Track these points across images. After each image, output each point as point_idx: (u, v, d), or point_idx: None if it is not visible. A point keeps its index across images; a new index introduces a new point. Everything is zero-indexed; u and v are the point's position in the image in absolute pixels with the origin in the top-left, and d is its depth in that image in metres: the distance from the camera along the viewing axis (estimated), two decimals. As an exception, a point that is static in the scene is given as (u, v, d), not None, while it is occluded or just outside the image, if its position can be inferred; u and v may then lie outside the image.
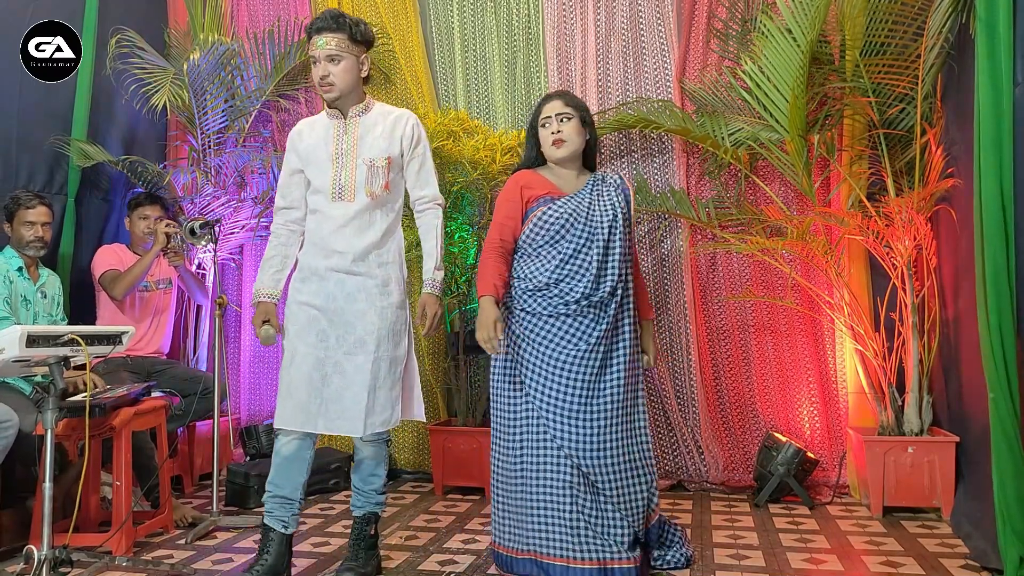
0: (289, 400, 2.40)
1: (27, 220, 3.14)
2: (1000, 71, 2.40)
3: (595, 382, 2.45)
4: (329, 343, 2.40)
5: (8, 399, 2.78)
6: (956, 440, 3.09)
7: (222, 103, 4.20)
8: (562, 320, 2.47)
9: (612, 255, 2.51)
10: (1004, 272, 2.37)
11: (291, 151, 2.53)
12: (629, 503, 2.45)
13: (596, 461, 2.40)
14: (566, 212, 2.52)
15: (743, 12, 3.79)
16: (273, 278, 2.51)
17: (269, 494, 2.44)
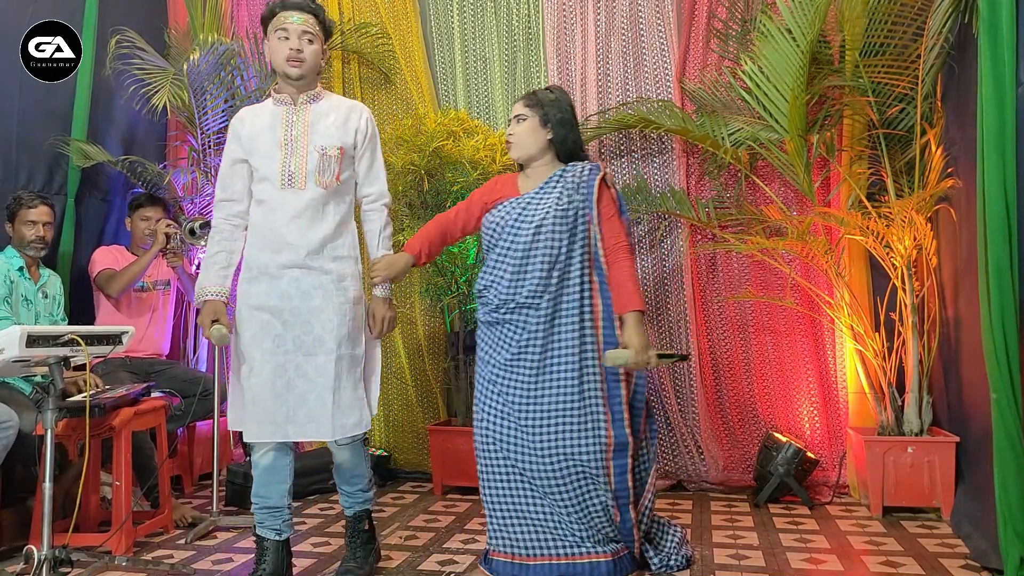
0: (254, 412, 2.32)
1: (29, 220, 3.14)
2: (1003, 71, 2.40)
3: (529, 388, 2.41)
4: (287, 346, 2.32)
5: (8, 399, 2.78)
6: (956, 440, 3.09)
7: (222, 103, 4.19)
8: (494, 327, 2.50)
9: (533, 258, 2.42)
10: (1007, 271, 2.37)
11: (233, 139, 2.43)
12: (581, 507, 2.41)
13: (533, 466, 2.40)
14: (499, 216, 2.51)
15: (743, 12, 3.79)
16: (219, 275, 2.40)
17: (256, 506, 2.40)
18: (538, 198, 2.48)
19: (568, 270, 2.43)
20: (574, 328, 2.41)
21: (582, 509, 2.42)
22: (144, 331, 3.66)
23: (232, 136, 2.43)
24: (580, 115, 3.98)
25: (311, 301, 2.34)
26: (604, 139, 3.97)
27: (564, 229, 2.43)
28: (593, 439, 2.38)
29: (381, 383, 2.56)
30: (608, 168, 4.00)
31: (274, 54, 2.38)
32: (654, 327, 3.90)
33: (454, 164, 3.63)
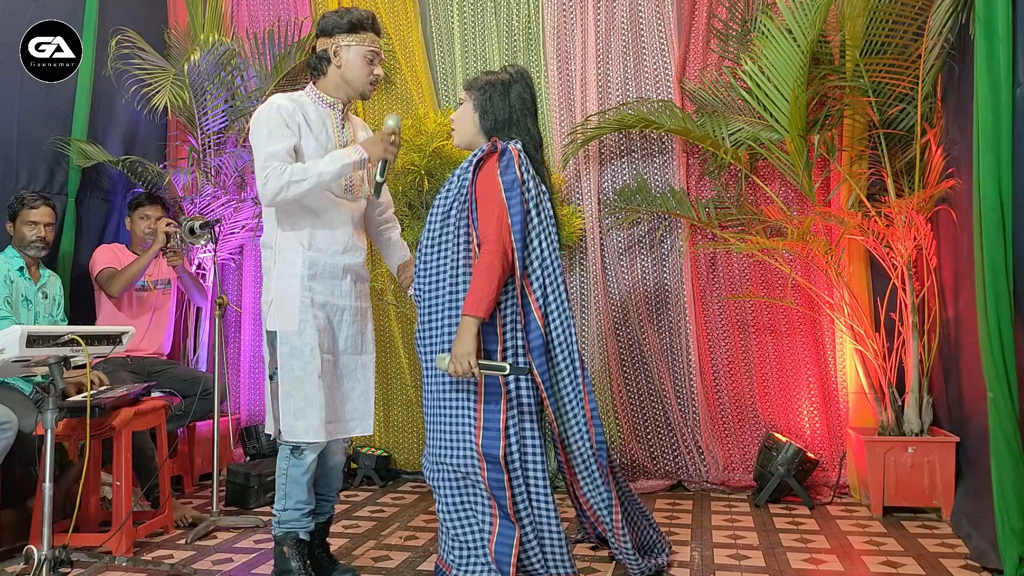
0: (315, 411, 2.29)
1: (30, 220, 3.14)
2: (999, 71, 2.40)
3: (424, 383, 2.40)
4: (340, 346, 2.40)
5: (8, 399, 2.78)
6: (956, 440, 3.09)
7: (222, 103, 4.19)
8: None
9: (420, 249, 2.36)
10: (1003, 272, 2.38)
11: (291, 123, 2.31)
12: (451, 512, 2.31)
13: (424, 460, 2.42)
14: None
15: (743, 12, 3.79)
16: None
17: (301, 511, 2.35)
18: (443, 187, 2.37)
19: (443, 266, 2.28)
20: (450, 327, 2.25)
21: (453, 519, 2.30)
22: (145, 331, 3.66)
23: (289, 119, 2.31)
24: (580, 115, 3.99)
25: (363, 303, 2.48)
26: (604, 139, 3.97)
27: (437, 223, 2.32)
28: (463, 443, 2.23)
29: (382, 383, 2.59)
30: (609, 168, 4.01)
31: (356, 69, 2.38)
32: (654, 326, 3.91)
33: (454, 164, 3.63)
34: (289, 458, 2.34)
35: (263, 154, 2.27)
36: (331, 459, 2.50)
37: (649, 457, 3.82)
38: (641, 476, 3.79)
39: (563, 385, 2.33)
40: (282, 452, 2.36)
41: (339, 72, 2.39)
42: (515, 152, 2.27)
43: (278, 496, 2.37)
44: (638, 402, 3.89)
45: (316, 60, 2.42)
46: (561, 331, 2.31)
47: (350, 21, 2.37)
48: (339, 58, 2.38)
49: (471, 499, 2.27)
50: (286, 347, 2.30)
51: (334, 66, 2.39)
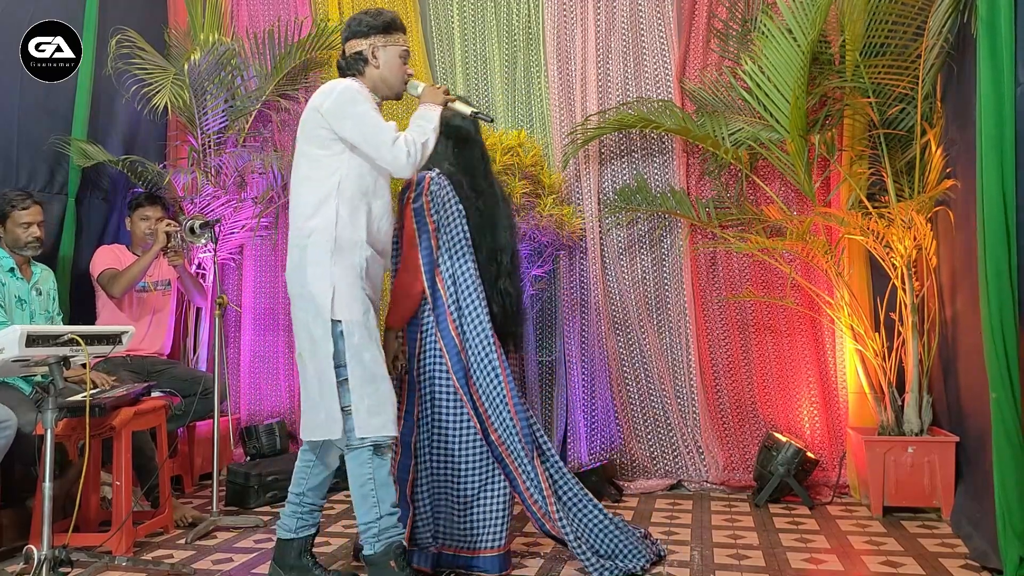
0: (389, 404, 2.26)
1: (23, 221, 3.10)
2: (1002, 71, 2.40)
3: None
4: None
5: (7, 399, 2.78)
6: (956, 440, 3.09)
7: (222, 103, 4.19)
8: None
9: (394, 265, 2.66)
10: (1006, 272, 2.38)
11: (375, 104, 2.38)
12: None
13: None
14: None
15: (743, 12, 3.79)
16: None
17: (396, 515, 2.28)
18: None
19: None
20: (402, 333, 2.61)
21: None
22: (146, 331, 3.66)
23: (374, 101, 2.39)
24: (580, 115, 4.00)
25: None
26: (604, 139, 3.97)
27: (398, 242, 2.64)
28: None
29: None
30: (609, 168, 4.01)
31: (394, 69, 2.44)
32: (654, 326, 3.90)
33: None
34: (372, 460, 2.24)
35: (382, 126, 2.28)
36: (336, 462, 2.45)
37: (649, 457, 3.82)
38: (641, 476, 3.79)
39: (483, 383, 2.52)
40: (360, 456, 2.24)
41: (378, 73, 2.41)
42: (427, 180, 2.53)
43: (367, 506, 2.24)
44: (638, 402, 3.89)
45: (353, 61, 2.42)
46: (476, 338, 2.53)
47: (384, 22, 2.41)
48: (377, 59, 2.41)
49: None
50: (354, 337, 2.23)
51: (372, 67, 2.41)
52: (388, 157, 2.27)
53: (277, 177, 4.23)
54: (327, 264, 2.26)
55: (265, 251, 4.48)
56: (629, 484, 3.72)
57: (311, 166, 2.33)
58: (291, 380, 4.43)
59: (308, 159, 2.34)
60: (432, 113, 2.40)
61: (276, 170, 4.18)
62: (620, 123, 3.76)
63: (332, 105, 2.29)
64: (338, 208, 2.29)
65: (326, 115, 2.30)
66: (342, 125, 2.29)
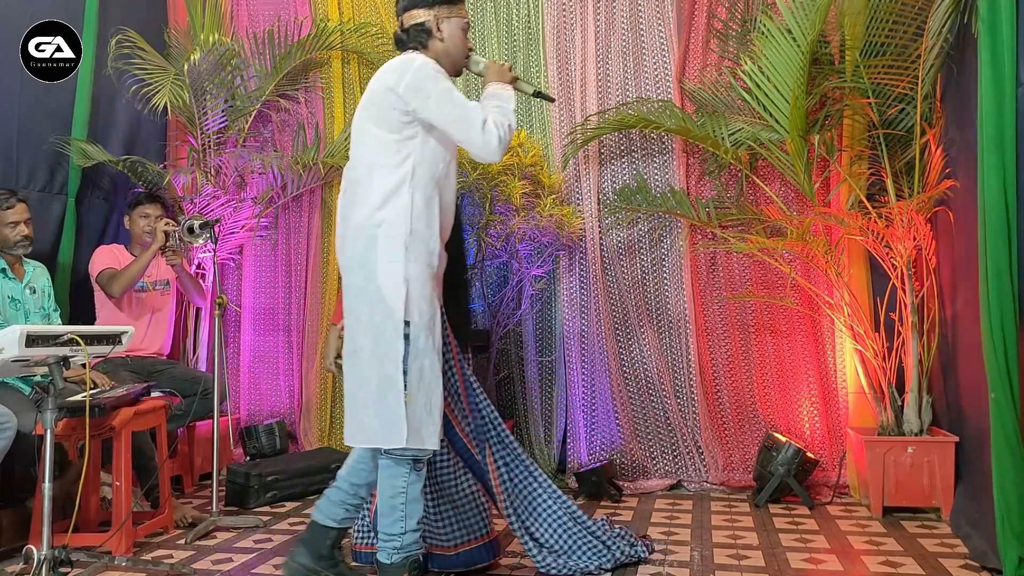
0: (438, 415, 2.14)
1: (10, 221, 3.06)
2: (1003, 71, 2.40)
3: None
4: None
5: (7, 399, 2.77)
6: (955, 440, 3.09)
7: (222, 103, 4.19)
8: None
9: None
10: (1006, 272, 2.37)
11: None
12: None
13: None
14: None
15: (743, 12, 3.79)
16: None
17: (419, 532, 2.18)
18: None
19: None
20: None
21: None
22: (145, 331, 3.65)
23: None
24: (580, 115, 4.00)
25: None
26: (604, 139, 3.97)
27: None
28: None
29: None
30: (608, 168, 4.01)
31: (458, 42, 2.28)
32: (654, 327, 3.90)
33: (454, 164, 3.63)
34: (409, 474, 2.13)
35: (470, 106, 2.14)
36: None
37: (649, 457, 3.82)
38: (641, 476, 3.79)
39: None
40: (397, 469, 2.14)
41: (443, 46, 2.26)
42: None
43: (393, 518, 2.14)
44: (638, 402, 3.89)
45: (415, 33, 2.24)
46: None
47: None
48: (442, 32, 2.25)
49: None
50: (419, 341, 2.10)
51: (436, 40, 2.25)
52: (478, 140, 2.11)
53: (277, 177, 4.23)
54: (401, 261, 2.11)
55: (265, 251, 4.48)
56: (629, 484, 3.72)
57: (381, 151, 2.15)
58: (291, 380, 4.43)
59: (377, 142, 2.16)
60: (507, 92, 2.24)
61: (276, 170, 4.18)
62: (620, 123, 3.76)
63: (412, 82, 2.11)
64: (413, 197, 2.13)
65: (404, 94, 2.12)
66: (424, 105, 2.11)
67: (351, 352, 2.19)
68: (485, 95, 2.28)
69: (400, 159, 2.14)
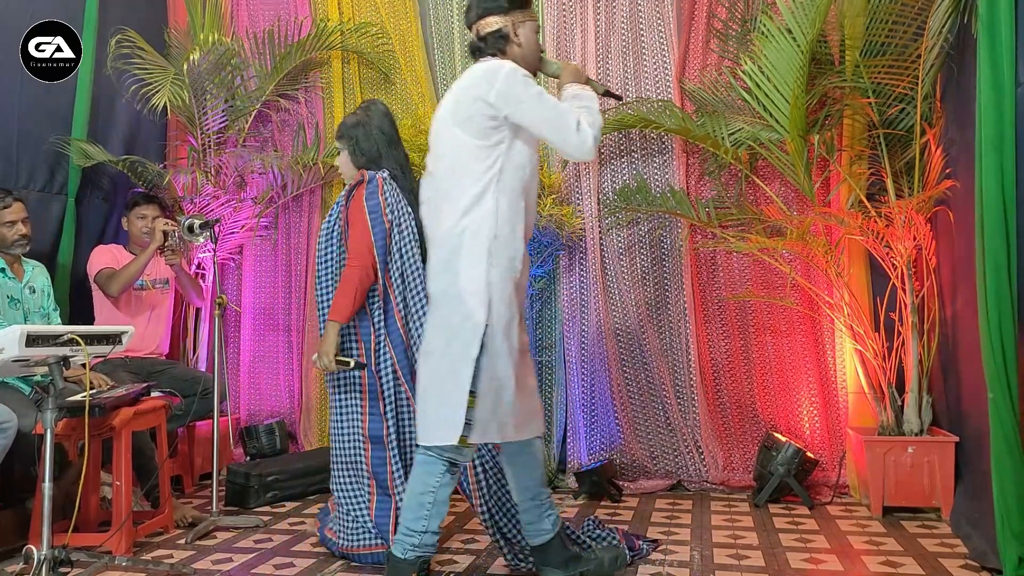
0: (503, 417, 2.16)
1: (7, 220, 3.06)
2: (1002, 71, 2.40)
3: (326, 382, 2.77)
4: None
5: (7, 399, 2.77)
6: (955, 440, 3.09)
7: (222, 103, 4.20)
8: None
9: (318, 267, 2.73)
10: (1005, 272, 2.37)
11: None
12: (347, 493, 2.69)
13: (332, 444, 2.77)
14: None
15: (743, 12, 3.78)
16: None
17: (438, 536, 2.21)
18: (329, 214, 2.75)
19: (333, 278, 2.67)
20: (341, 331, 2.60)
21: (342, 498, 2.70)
22: (144, 330, 3.65)
23: None
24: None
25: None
26: (604, 139, 3.97)
27: (332, 241, 2.70)
28: (351, 430, 2.67)
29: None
30: (608, 168, 4.01)
31: (533, 45, 2.32)
32: (654, 326, 3.90)
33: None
34: (443, 476, 2.16)
35: (564, 108, 2.17)
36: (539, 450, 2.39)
37: (649, 457, 3.82)
38: (641, 476, 3.79)
39: None
40: (433, 467, 2.16)
41: (520, 51, 2.28)
42: (380, 180, 2.62)
43: (417, 515, 2.17)
44: (638, 402, 3.89)
45: (494, 40, 2.28)
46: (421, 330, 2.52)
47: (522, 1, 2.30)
48: (519, 37, 2.28)
49: (357, 480, 2.67)
50: (495, 342, 2.12)
51: (514, 45, 2.28)
52: (574, 141, 2.14)
53: (277, 177, 4.24)
54: (484, 265, 2.13)
55: (265, 251, 4.48)
56: (629, 484, 3.72)
57: (468, 157, 2.17)
58: (291, 380, 4.43)
59: (465, 151, 2.18)
60: (588, 92, 2.26)
61: (276, 170, 4.19)
62: (620, 123, 3.76)
63: (504, 89, 2.13)
64: (498, 202, 2.15)
65: (496, 101, 2.14)
66: (517, 110, 2.13)
67: (425, 353, 2.26)
68: (566, 96, 2.29)
69: (487, 165, 2.17)
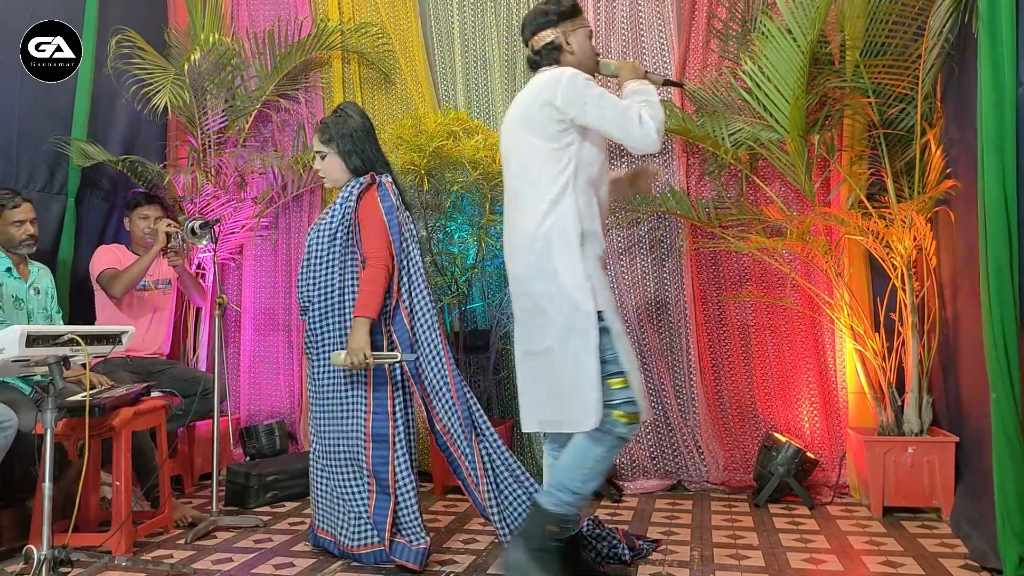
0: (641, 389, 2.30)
1: (15, 220, 3.08)
2: (1003, 71, 2.40)
3: (315, 379, 2.76)
4: None
5: (7, 399, 2.78)
6: (956, 440, 3.09)
7: (222, 103, 4.20)
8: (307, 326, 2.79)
9: (311, 266, 2.73)
10: (1007, 272, 2.37)
11: None
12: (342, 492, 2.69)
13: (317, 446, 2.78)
14: (310, 229, 2.78)
15: (743, 12, 3.78)
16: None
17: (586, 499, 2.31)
18: (326, 213, 2.76)
19: (334, 278, 2.69)
20: (342, 329, 2.67)
21: (341, 495, 2.69)
22: (146, 331, 3.66)
23: None
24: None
25: None
26: (604, 139, 3.96)
27: (326, 241, 2.70)
28: (353, 428, 2.66)
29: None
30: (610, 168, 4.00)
31: (587, 50, 2.44)
32: (654, 326, 3.90)
33: (454, 164, 3.64)
34: (612, 449, 2.25)
35: (625, 105, 2.27)
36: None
37: (649, 457, 3.82)
38: (641, 476, 3.79)
39: (428, 372, 2.68)
40: (603, 442, 2.23)
41: (573, 58, 2.40)
42: (388, 184, 2.73)
43: (576, 475, 2.24)
44: (638, 402, 3.88)
45: (548, 52, 2.40)
46: (425, 327, 2.68)
47: (570, 5, 2.42)
48: (571, 45, 2.40)
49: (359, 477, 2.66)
50: (615, 326, 2.25)
51: (567, 53, 2.40)
52: (638, 134, 2.25)
53: (277, 177, 4.24)
54: (579, 259, 2.25)
55: (265, 251, 4.48)
56: (629, 484, 3.72)
57: (542, 161, 2.30)
58: (291, 380, 4.43)
59: (538, 154, 2.30)
60: (647, 87, 2.37)
61: (276, 170, 4.19)
62: (620, 123, 3.75)
63: (567, 92, 2.25)
64: (576, 200, 2.28)
65: (562, 105, 2.25)
66: (583, 111, 2.25)
67: (539, 351, 2.33)
68: (627, 92, 2.39)
69: (561, 167, 2.29)
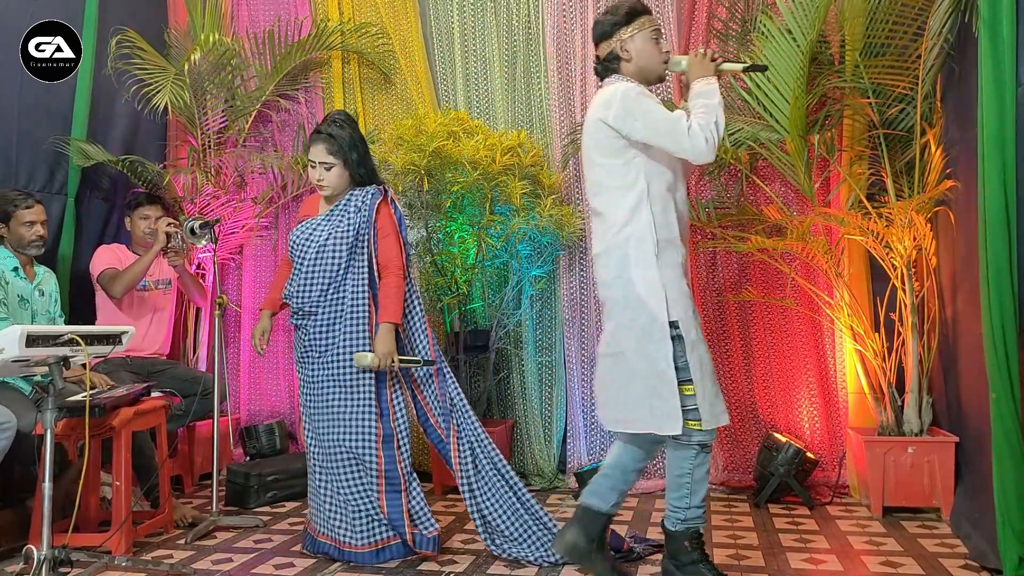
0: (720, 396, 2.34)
1: (27, 220, 3.11)
2: (1003, 71, 2.40)
3: (313, 383, 2.76)
4: None
5: (7, 399, 2.78)
6: (956, 440, 3.09)
7: (222, 103, 4.19)
8: (296, 330, 2.83)
9: (315, 273, 2.74)
10: (1007, 272, 2.37)
11: None
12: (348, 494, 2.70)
13: (317, 450, 2.77)
14: (298, 234, 2.82)
15: (743, 12, 3.78)
16: None
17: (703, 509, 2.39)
18: (326, 220, 2.79)
19: (345, 284, 2.73)
20: (349, 334, 2.71)
21: (347, 497, 2.70)
22: (146, 331, 3.66)
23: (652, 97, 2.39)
24: (580, 115, 3.99)
25: None
26: (604, 139, 3.96)
27: (344, 248, 2.74)
28: (362, 430, 2.69)
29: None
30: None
31: (648, 53, 2.40)
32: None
33: (454, 164, 3.63)
34: (696, 457, 2.31)
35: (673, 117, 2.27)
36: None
37: (649, 457, 3.82)
38: (641, 476, 3.78)
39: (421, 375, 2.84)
40: (684, 452, 2.31)
41: (633, 64, 2.40)
42: (391, 192, 2.85)
43: (679, 494, 2.35)
44: (638, 402, 3.88)
45: (608, 62, 2.42)
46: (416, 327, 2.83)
47: (625, 12, 2.40)
48: (628, 52, 2.39)
49: (366, 475, 2.68)
50: (691, 334, 2.28)
51: (625, 61, 2.40)
52: (687, 146, 2.26)
53: (277, 177, 4.24)
54: (655, 268, 2.29)
55: (265, 251, 4.48)
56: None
57: (611, 176, 2.35)
58: (291, 380, 4.43)
59: (606, 170, 2.36)
60: (711, 88, 2.33)
61: (276, 170, 4.19)
62: (620, 123, 3.74)
63: (618, 111, 2.29)
64: (652, 210, 2.31)
65: (615, 124, 2.31)
66: (633, 128, 2.29)
67: (613, 353, 2.39)
68: (692, 95, 2.37)
69: (631, 180, 2.33)
